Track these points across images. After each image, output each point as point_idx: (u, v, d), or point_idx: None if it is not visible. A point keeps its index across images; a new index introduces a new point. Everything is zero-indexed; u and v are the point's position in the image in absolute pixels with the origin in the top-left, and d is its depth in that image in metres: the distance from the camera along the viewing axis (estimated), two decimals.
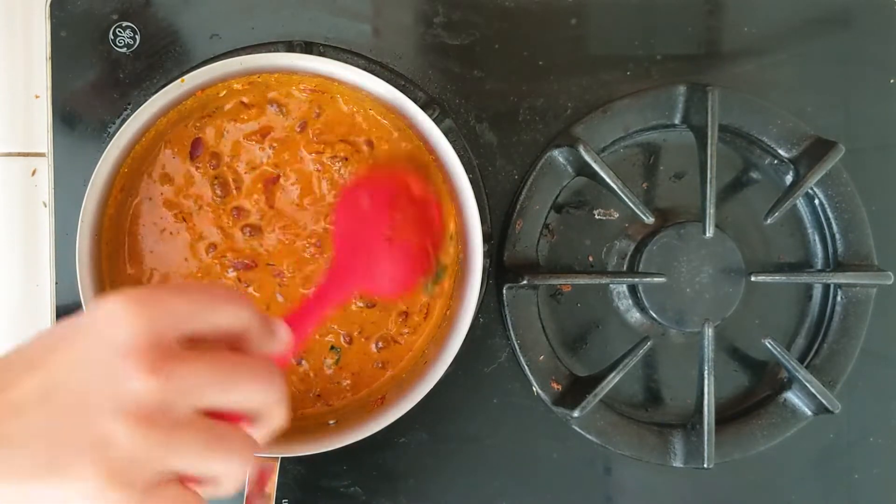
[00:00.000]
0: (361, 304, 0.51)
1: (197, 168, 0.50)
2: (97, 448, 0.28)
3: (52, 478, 0.28)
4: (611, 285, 0.55)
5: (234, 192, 0.50)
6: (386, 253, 0.46)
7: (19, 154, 0.56)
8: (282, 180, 0.50)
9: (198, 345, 0.30)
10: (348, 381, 0.51)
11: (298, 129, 0.50)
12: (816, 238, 0.56)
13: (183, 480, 0.30)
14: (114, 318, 0.29)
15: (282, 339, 0.34)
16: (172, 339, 0.29)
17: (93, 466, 0.28)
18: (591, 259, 0.55)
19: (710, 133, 0.51)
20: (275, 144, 0.50)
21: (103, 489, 0.28)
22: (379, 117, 0.50)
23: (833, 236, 0.55)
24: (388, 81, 0.46)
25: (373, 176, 0.49)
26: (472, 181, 0.47)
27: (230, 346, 0.32)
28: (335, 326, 0.51)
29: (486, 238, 0.53)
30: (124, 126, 0.45)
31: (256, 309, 0.32)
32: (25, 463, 0.28)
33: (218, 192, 0.50)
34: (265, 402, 0.31)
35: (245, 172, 0.50)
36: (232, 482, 0.30)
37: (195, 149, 0.49)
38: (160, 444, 0.28)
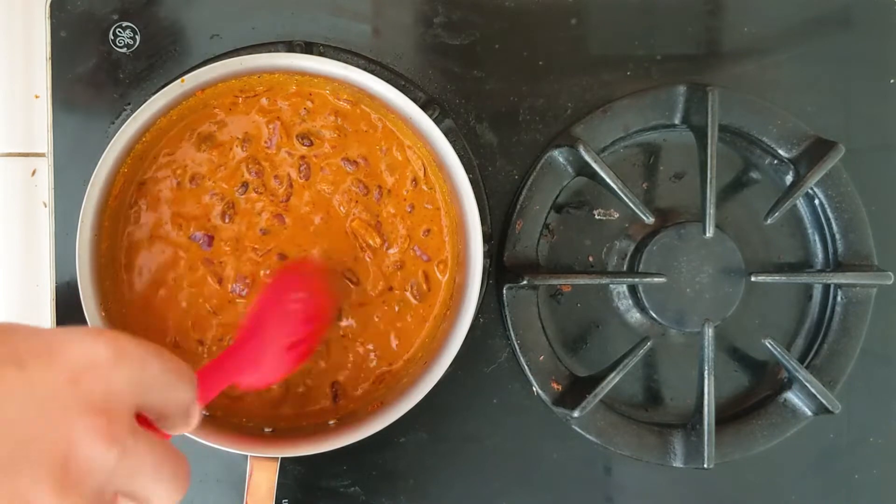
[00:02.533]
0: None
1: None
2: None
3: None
4: (611, 285, 0.55)
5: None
6: (279, 355, 0.45)
7: (19, 154, 0.56)
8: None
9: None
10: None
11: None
12: (816, 238, 0.56)
13: None
14: (92, 358, 0.26)
15: (192, 424, 0.33)
16: (133, 406, 0.28)
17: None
18: (591, 259, 0.55)
19: (710, 133, 0.51)
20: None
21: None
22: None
23: (833, 236, 0.55)
24: (388, 81, 0.46)
25: (302, 270, 0.49)
26: (472, 181, 0.47)
27: (159, 418, 0.31)
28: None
29: (486, 238, 0.53)
30: (124, 126, 0.45)
31: (184, 368, 0.31)
32: None
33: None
34: (172, 499, 0.30)
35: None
36: None
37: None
38: None
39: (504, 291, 0.53)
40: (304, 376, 0.50)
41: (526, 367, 0.53)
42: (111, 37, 0.53)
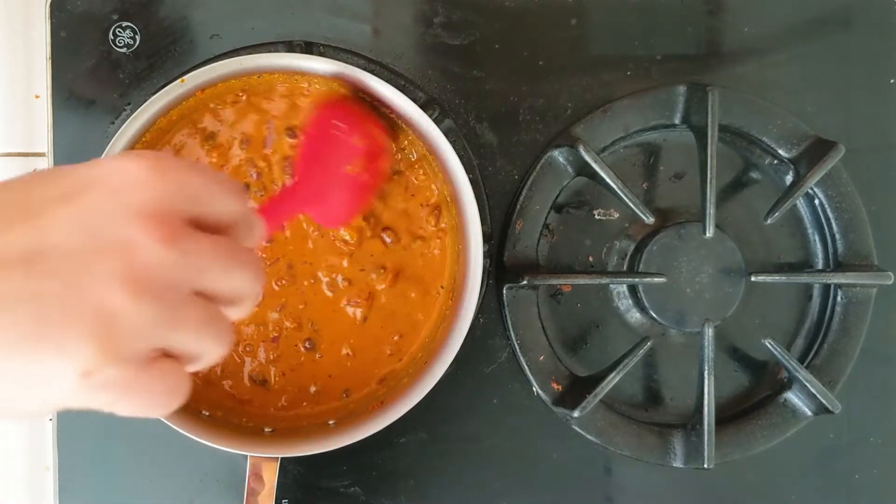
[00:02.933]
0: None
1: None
2: (98, 318, 0.25)
3: (40, 350, 0.24)
4: (611, 285, 0.55)
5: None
6: (342, 184, 0.46)
7: (19, 154, 0.56)
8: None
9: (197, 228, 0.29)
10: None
11: None
12: (816, 238, 0.56)
13: (169, 355, 0.28)
14: (131, 177, 0.26)
15: (259, 234, 0.32)
16: (183, 217, 0.27)
17: (90, 338, 0.25)
18: (591, 259, 0.55)
19: (710, 133, 0.51)
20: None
21: (99, 364, 0.25)
22: None
23: (833, 236, 0.55)
24: (388, 81, 0.46)
25: (341, 104, 0.49)
26: (472, 181, 0.47)
27: (217, 233, 0.30)
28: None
29: (486, 238, 0.53)
30: (124, 126, 0.45)
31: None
32: (8, 333, 0.24)
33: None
34: (251, 292, 0.30)
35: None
36: (211, 361, 0.29)
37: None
38: (164, 320, 0.26)
39: (504, 291, 0.53)
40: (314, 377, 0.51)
41: (526, 367, 0.53)
42: (111, 37, 0.53)
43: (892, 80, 0.57)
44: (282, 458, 0.46)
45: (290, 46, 0.53)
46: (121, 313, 0.25)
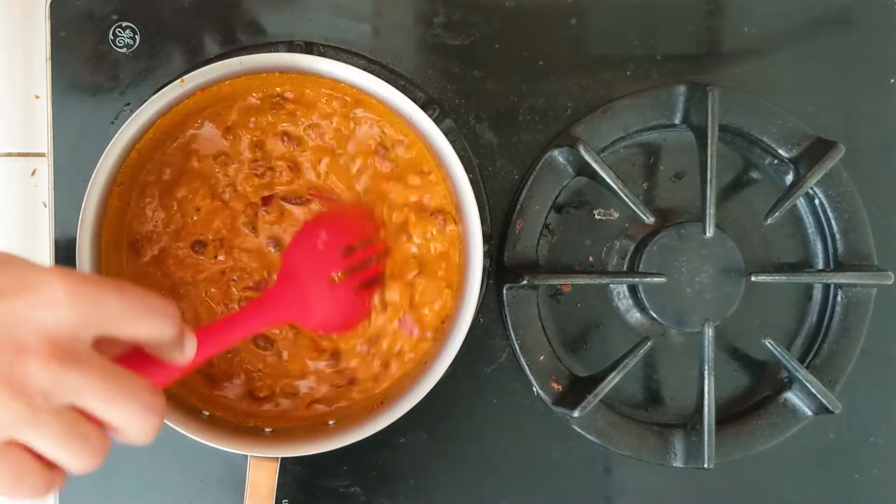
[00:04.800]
0: None
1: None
2: None
3: None
4: (611, 285, 0.55)
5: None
6: (327, 293, 0.47)
7: (19, 154, 0.56)
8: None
9: (109, 342, 0.33)
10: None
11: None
12: (816, 238, 0.56)
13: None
14: (52, 297, 0.30)
15: (187, 355, 0.36)
16: (91, 337, 0.31)
17: None
18: (591, 259, 0.55)
19: (710, 133, 0.51)
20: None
21: None
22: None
23: (833, 236, 0.55)
24: (388, 81, 0.46)
25: (336, 217, 0.50)
26: (472, 181, 0.47)
27: (136, 347, 0.34)
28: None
29: (486, 238, 0.53)
30: (124, 126, 0.45)
31: (178, 322, 0.34)
32: None
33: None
34: (133, 426, 0.32)
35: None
36: (75, 471, 0.32)
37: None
38: (25, 419, 0.30)
39: (504, 291, 0.53)
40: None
41: (526, 367, 0.53)
42: (111, 37, 0.53)
43: (892, 80, 0.57)
44: (282, 458, 0.46)
45: (290, 46, 0.53)
46: None
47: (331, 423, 0.49)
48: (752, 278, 0.52)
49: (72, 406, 0.31)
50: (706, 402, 0.51)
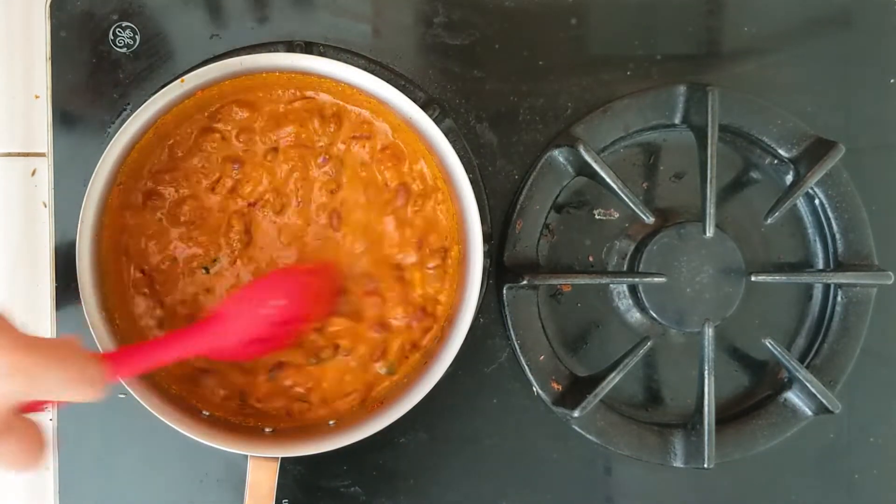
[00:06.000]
0: None
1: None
2: None
3: None
4: (611, 285, 0.55)
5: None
6: (261, 336, 0.46)
7: (19, 154, 0.56)
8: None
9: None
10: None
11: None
12: (816, 238, 0.56)
13: None
14: None
15: (96, 390, 0.37)
16: (16, 403, 0.34)
17: None
18: (591, 259, 0.55)
19: (710, 133, 0.51)
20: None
21: None
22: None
23: (833, 236, 0.55)
24: (388, 81, 0.46)
25: (300, 274, 0.49)
26: (472, 181, 0.47)
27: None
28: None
29: (486, 238, 0.53)
30: (124, 126, 0.45)
31: (101, 385, 0.37)
32: None
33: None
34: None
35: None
36: None
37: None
38: None
39: (504, 291, 0.53)
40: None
41: (526, 367, 0.53)
42: (111, 37, 0.53)
43: (892, 80, 0.57)
44: (282, 458, 0.46)
45: (290, 46, 0.53)
46: None
47: (331, 423, 0.49)
48: (753, 278, 0.52)
49: None
50: (706, 402, 0.51)
